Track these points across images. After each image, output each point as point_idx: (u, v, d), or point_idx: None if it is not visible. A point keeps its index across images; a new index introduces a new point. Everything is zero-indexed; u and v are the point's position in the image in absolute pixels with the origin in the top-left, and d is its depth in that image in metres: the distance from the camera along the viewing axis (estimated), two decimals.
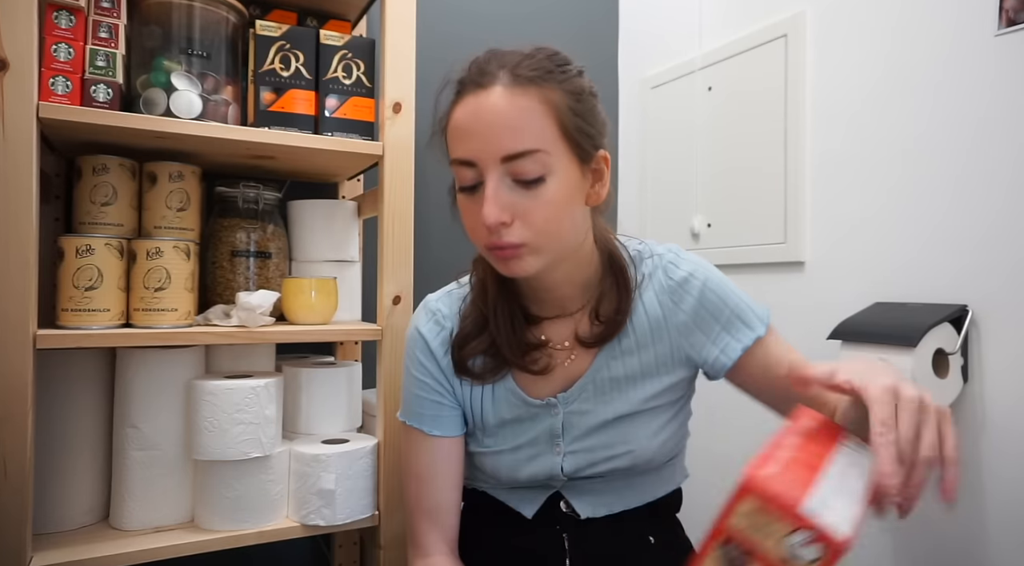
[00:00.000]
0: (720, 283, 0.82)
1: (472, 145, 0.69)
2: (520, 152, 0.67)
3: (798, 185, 1.28)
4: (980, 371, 1.01)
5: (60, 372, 0.98)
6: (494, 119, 0.67)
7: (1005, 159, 0.98)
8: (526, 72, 0.68)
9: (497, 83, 0.68)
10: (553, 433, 0.81)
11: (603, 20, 1.77)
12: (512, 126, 0.67)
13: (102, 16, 0.95)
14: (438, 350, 0.84)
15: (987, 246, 1.00)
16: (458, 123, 0.70)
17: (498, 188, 0.68)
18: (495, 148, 0.67)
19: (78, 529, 0.99)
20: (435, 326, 0.85)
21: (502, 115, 0.67)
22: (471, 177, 0.70)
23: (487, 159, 0.68)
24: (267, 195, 1.17)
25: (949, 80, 1.05)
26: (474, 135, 0.68)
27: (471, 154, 0.69)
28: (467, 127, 0.69)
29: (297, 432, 1.14)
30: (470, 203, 0.72)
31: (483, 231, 0.70)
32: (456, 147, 0.71)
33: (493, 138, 0.67)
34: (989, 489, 0.99)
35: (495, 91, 0.68)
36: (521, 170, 0.68)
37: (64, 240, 0.92)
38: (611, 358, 0.81)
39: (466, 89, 0.70)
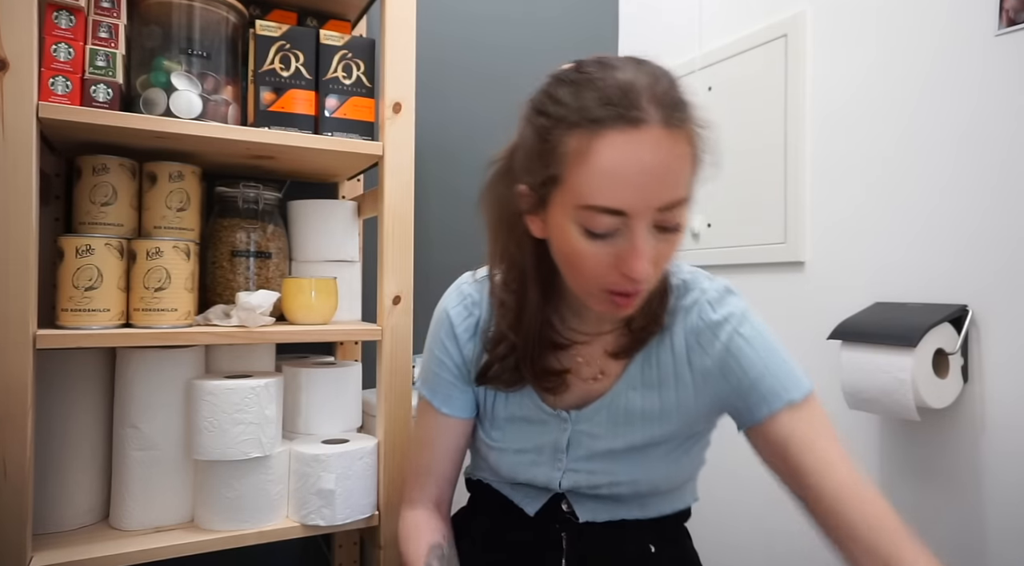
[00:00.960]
0: (755, 334, 0.74)
1: (628, 195, 0.61)
2: (676, 202, 0.62)
3: (798, 185, 1.28)
4: (980, 371, 1.01)
5: (60, 372, 0.98)
6: (655, 167, 0.60)
7: (1006, 159, 0.98)
8: (676, 108, 0.62)
9: (651, 121, 0.60)
10: (557, 447, 0.79)
11: (603, 20, 1.77)
12: (671, 175, 0.62)
13: (102, 16, 0.95)
14: (462, 336, 0.82)
15: (987, 246, 1.00)
16: (608, 167, 0.60)
17: (648, 240, 0.63)
18: (653, 199, 0.61)
19: (78, 529, 0.99)
20: (463, 310, 0.82)
21: (663, 164, 0.61)
22: (610, 225, 0.63)
23: (642, 210, 0.61)
24: (267, 195, 1.17)
25: (949, 80, 1.05)
26: (631, 184, 0.61)
27: (625, 205, 0.61)
28: (623, 174, 0.60)
29: (297, 432, 1.14)
30: (597, 249, 0.64)
31: (613, 278, 0.65)
32: (602, 193, 0.61)
33: (653, 188, 0.61)
34: (989, 489, 0.99)
35: (652, 132, 0.60)
36: (668, 219, 0.63)
37: (64, 240, 0.92)
38: (631, 388, 0.77)
39: (611, 123, 0.60)
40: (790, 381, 0.72)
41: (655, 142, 0.60)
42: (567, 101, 0.63)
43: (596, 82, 0.62)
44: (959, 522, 1.03)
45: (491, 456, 0.84)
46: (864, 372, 1.03)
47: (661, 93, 0.62)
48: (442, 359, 0.83)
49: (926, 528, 1.07)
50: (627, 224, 0.62)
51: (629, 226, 0.62)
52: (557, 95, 0.64)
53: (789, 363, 0.74)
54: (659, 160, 0.61)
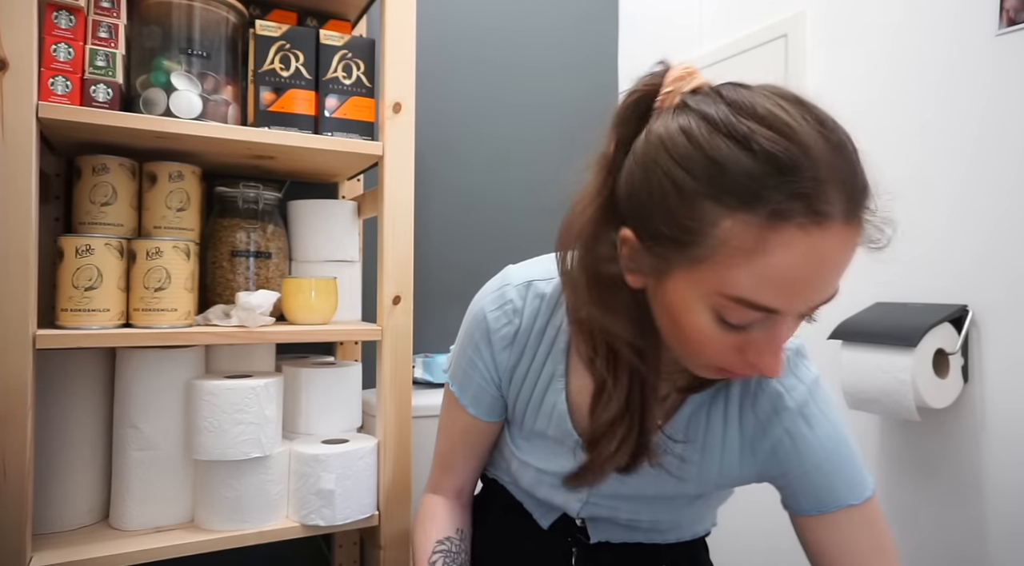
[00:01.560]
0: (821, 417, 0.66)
1: (792, 298, 0.51)
2: (831, 298, 0.55)
3: None
4: (980, 371, 1.01)
5: (60, 372, 0.98)
6: (830, 271, 0.52)
7: (1006, 159, 0.98)
8: (862, 197, 0.52)
9: (835, 217, 0.50)
10: None
11: (603, 20, 1.77)
12: (839, 275, 0.54)
13: (102, 16, 0.95)
14: (498, 343, 0.75)
15: (988, 246, 1.00)
16: (781, 270, 0.50)
17: (790, 333, 0.56)
18: (815, 300, 0.53)
19: (78, 529, 0.99)
20: (502, 317, 0.75)
21: (838, 266, 0.53)
22: (754, 319, 0.54)
23: (799, 310, 0.54)
24: (267, 195, 1.17)
25: (949, 80, 1.05)
26: (800, 289, 0.51)
27: (784, 306, 0.52)
28: (795, 278, 0.50)
29: (297, 432, 1.14)
30: (726, 335, 0.55)
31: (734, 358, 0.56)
32: (762, 293, 0.51)
33: (818, 290, 0.52)
34: (989, 489, 0.99)
35: (835, 230, 0.50)
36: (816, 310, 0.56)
37: (64, 240, 0.92)
38: (672, 440, 0.69)
39: (792, 216, 0.49)
40: (851, 480, 0.65)
41: (839, 244, 0.51)
42: (731, 168, 0.50)
43: (770, 149, 0.49)
44: (959, 522, 1.03)
45: (513, 464, 0.80)
46: (864, 372, 1.03)
47: (848, 175, 0.51)
48: (474, 361, 0.77)
49: (926, 528, 1.07)
50: (773, 319, 0.54)
51: (775, 321, 0.54)
52: (713, 152, 0.51)
53: (853, 457, 0.66)
54: (837, 263, 0.52)
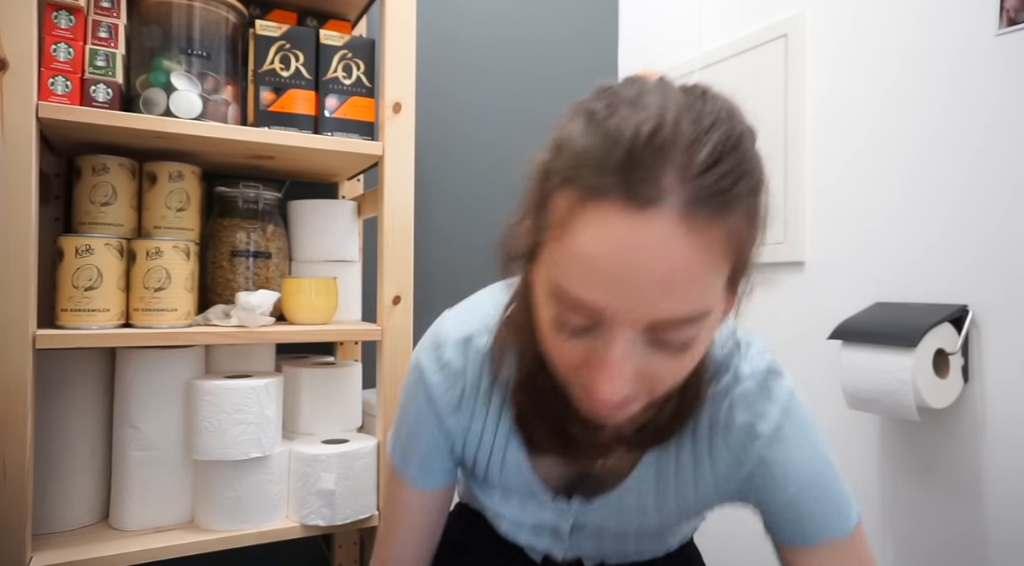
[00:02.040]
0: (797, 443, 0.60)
1: (610, 296, 0.44)
2: (680, 320, 0.45)
3: (798, 185, 1.28)
4: (980, 371, 1.01)
5: (60, 372, 0.98)
6: (655, 272, 0.43)
7: (1006, 159, 0.98)
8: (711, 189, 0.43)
9: (666, 204, 0.42)
10: (558, 531, 0.70)
11: (603, 20, 1.77)
12: (677, 284, 0.44)
13: (102, 16, 0.95)
14: (443, 409, 0.67)
15: (988, 246, 1.00)
16: (590, 255, 0.44)
17: (629, 354, 0.47)
18: (645, 311, 0.45)
19: (78, 529, 0.99)
20: (443, 381, 0.66)
21: (669, 270, 0.43)
22: (583, 323, 0.47)
23: (627, 320, 0.45)
24: (267, 195, 1.17)
25: (949, 80, 1.05)
26: (616, 284, 0.44)
27: (605, 305, 0.45)
28: (606, 267, 0.44)
29: (297, 432, 1.14)
30: (569, 345, 0.49)
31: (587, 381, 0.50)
32: (574, 285, 0.45)
33: (647, 297, 0.44)
34: (989, 489, 0.99)
35: (662, 220, 0.42)
36: (668, 335, 0.46)
37: (64, 240, 0.92)
38: (644, 484, 0.65)
39: (609, 194, 0.43)
40: (834, 509, 0.60)
41: (665, 237, 0.42)
42: (570, 143, 0.47)
43: (612, 123, 0.44)
44: (959, 522, 1.03)
45: (487, 511, 0.74)
46: (864, 372, 1.03)
47: (700, 162, 0.43)
48: (421, 425, 0.69)
49: (926, 528, 1.07)
50: (604, 329, 0.47)
51: (607, 332, 0.47)
52: (567, 129, 0.48)
53: (836, 482, 0.61)
54: (668, 262, 0.43)
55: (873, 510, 1.15)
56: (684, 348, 0.48)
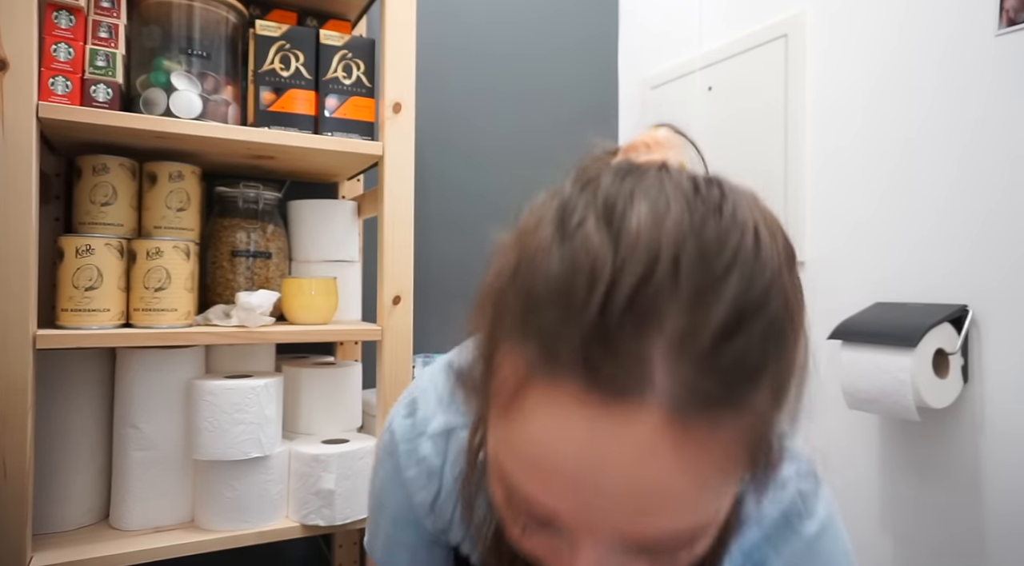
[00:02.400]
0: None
1: (571, 506, 0.33)
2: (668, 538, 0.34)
3: (798, 185, 1.28)
4: (980, 371, 1.01)
5: (60, 372, 0.98)
6: (631, 487, 0.31)
7: (1005, 159, 0.98)
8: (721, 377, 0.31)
9: (651, 397, 0.30)
10: None
11: (603, 20, 1.77)
12: (667, 504, 0.32)
13: (102, 16, 0.95)
14: (419, 509, 0.57)
15: (987, 246, 1.00)
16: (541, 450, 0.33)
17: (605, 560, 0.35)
18: (620, 527, 0.33)
19: (78, 529, 0.99)
20: (420, 477, 0.56)
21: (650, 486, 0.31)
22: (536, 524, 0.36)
23: (597, 532, 0.34)
24: (267, 195, 1.17)
25: (949, 80, 1.05)
26: (578, 494, 0.32)
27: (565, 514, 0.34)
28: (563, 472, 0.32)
29: (297, 432, 1.14)
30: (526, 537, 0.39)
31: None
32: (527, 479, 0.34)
33: (621, 513, 0.32)
34: (989, 489, 0.99)
35: (644, 420, 0.30)
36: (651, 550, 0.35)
37: (64, 240, 0.92)
38: None
39: (568, 372, 0.31)
40: None
41: (644, 445, 0.30)
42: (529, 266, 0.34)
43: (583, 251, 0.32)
44: (959, 521, 1.03)
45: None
46: (864, 372, 1.03)
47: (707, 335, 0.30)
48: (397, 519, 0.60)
49: (926, 528, 1.07)
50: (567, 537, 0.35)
51: (571, 541, 0.35)
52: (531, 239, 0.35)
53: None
54: (641, 479, 0.31)
55: (873, 510, 1.15)
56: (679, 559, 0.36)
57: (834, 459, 1.21)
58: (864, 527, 1.16)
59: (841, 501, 1.21)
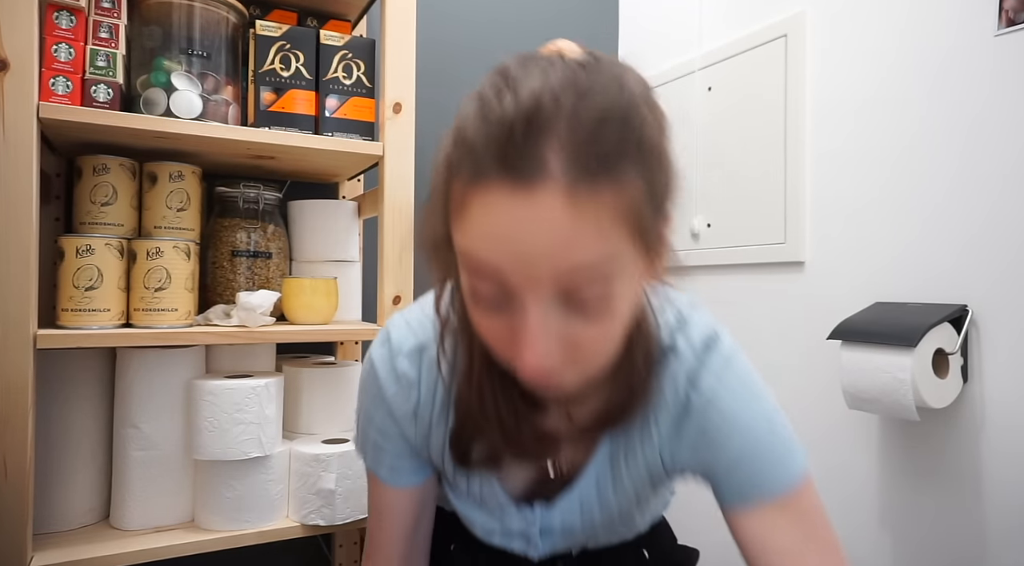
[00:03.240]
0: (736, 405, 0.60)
1: (508, 266, 0.45)
2: (583, 269, 0.45)
3: (798, 185, 1.28)
4: (980, 371, 1.01)
5: (60, 372, 0.98)
6: (545, 241, 0.43)
7: (1005, 159, 0.98)
8: (596, 158, 0.43)
9: (548, 179, 0.42)
10: (528, 536, 0.69)
11: (603, 20, 1.77)
12: (575, 246, 0.44)
13: (102, 16, 0.95)
14: (402, 420, 0.66)
15: (987, 246, 1.00)
16: (482, 228, 0.45)
17: (545, 320, 0.46)
18: (544, 274, 0.45)
19: (78, 529, 0.99)
20: (400, 392, 0.66)
21: (558, 236, 0.43)
22: (494, 293, 0.48)
23: (529, 287, 0.46)
24: (267, 195, 1.17)
25: (949, 80, 1.05)
26: (510, 255, 0.45)
27: (505, 273, 0.46)
28: (499, 242, 0.45)
29: (297, 432, 1.14)
30: (491, 321, 0.50)
31: (516, 357, 0.49)
32: (477, 252, 0.46)
33: (541, 263, 0.44)
34: (988, 489, 0.99)
35: (545, 195, 0.42)
36: (578, 296, 0.46)
37: (64, 240, 0.92)
38: (601, 473, 0.66)
39: (492, 175, 0.44)
40: (775, 468, 0.60)
41: (550, 209, 0.42)
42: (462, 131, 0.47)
43: (495, 106, 0.44)
44: (959, 522, 1.03)
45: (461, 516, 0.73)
46: (864, 372, 1.03)
47: (580, 132, 0.43)
48: (380, 430, 0.68)
49: (926, 528, 1.07)
50: (515, 299, 0.47)
51: (520, 303, 0.47)
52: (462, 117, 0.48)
53: (776, 438, 0.60)
54: (554, 232, 0.43)
55: (873, 510, 1.15)
56: (601, 309, 0.47)
57: (834, 459, 1.21)
58: (864, 527, 1.16)
59: (841, 501, 1.22)
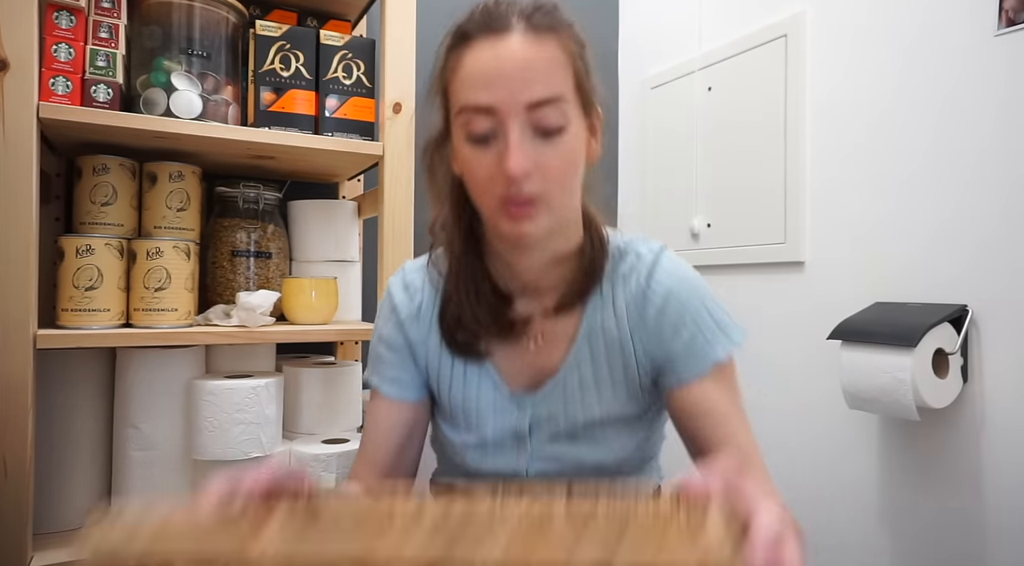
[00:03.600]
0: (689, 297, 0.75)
1: (494, 92, 0.65)
2: (546, 99, 0.65)
3: (798, 185, 1.28)
4: (980, 371, 1.01)
5: (60, 372, 0.98)
6: (518, 65, 0.65)
7: (1005, 159, 0.98)
8: (542, 20, 0.67)
9: (513, 30, 0.66)
10: (519, 433, 0.78)
11: (603, 20, 1.77)
12: (537, 72, 0.65)
13: (102, 16, 0.95)
14: (406, 321, 0.81)
15: (987, 246, 1.00)
16: (474, 69, 0.66)
17: (522, 137, 0.65)
18: (520, 95, 0.64)
19: (78, 529, 0.99)
20: (406, 297, 0.82)
21: (527, 61, 0.65)
22: (486, 126, 0.66)
23: (511, 107, 0.64)
24: (267, 195, 1.17)
25: (949, 80, 1.05)
26: (495, 81, 0.65)
27: (492, 101, 0.65)
28: (486, 73, 0.65)
29: (297, 432, 1.14)
30: (481, 155, 0.67)
31: (500, 183, 0.66)
32: (471, 94, 0.66)
33: (518, 84, 0.64)
34: (988, 489, 0.99)
35: (514, 37, 0.65)
36: (544, 119, 0.65)
37: (64, 240, 0.92)
38: (581, 363, 0.77)
39: (476, 35, 0.66)
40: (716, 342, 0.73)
41: (518, 44, 0.66)
42: (449, 30, 0.70)
43: (477, 11, 0.69)
44: (959, 522, 1.03)
45: (455, 448, 0.81)
46: (864, 372, 1.03)
47: (527, 10, 0.68)
48: (387, 342, 0.81)
49: (926, 528, 1.07)
50: (500, 125, 0.65)
51: (502, 126, 0.65)
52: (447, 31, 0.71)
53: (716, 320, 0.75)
54: (520, 59, 0.65)
55: (873, 509, 1.15)
56: (557, 140, 0.66)
57: (834, 458, 1.21)
58: (864, 526, 1.16)
59: (841, 500, 1.22)
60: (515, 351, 0.78)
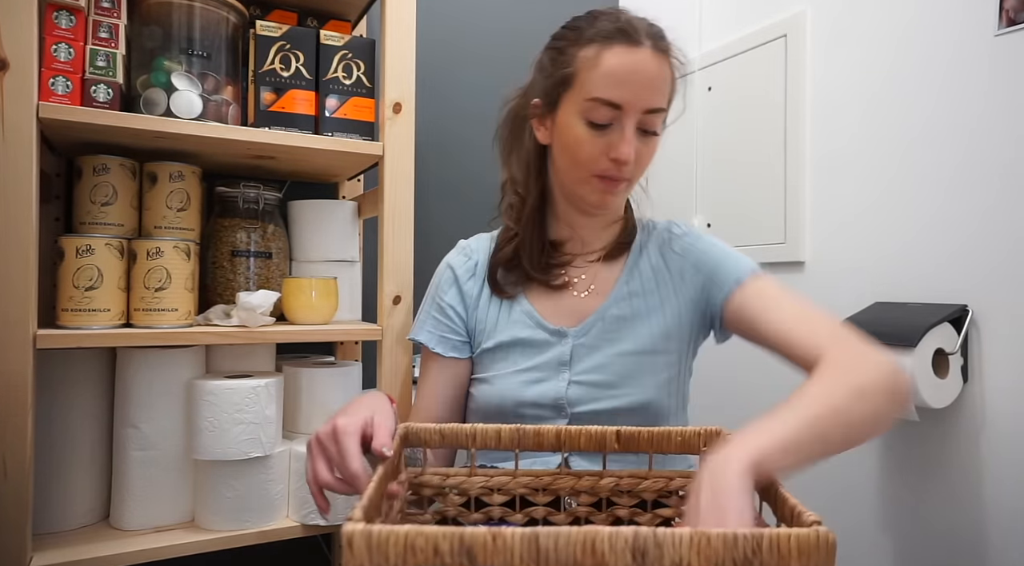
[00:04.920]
0: (703, 237, 0.95)
1: (625, 92, 0.80)
2: (658, 108, 0.83)
3: (798, 185, 1.28)
4: (980, 371, 1.01)
5: (60, 372, 0.98)
6: (648, 76, 0.81)
7: (1006, 159, 0.98)
8: (663, 43, 0.83)
9: (645, 46, 0.81)
10: (561, 361, 0.89)
11: None
12: (658, 86, 0.82)
13: (102, 16, 0.95)
14: (462, 276, 0.96)
15: (987, 246, 1.00)
16: (614, 68, 0.80)
17: (633, 133, 0.82)
18: (643, 101, 0.81)
19: (78, 529, 0.99)
20: (463, 257, 0.98)
21: (654, 75, 0.81)
22: (607, 117, 0.82)
23: (634, 107, 0.81)
24: (267, 195, 1.17)
25: (949, 80, 1.05)
26: (629, 84, 0.80)
27: (622, 99, 0.80)
28: (623, 75, 0.80)
29: (297, 432, 1.14)
30: (594, 137, 0.83)
31: (604, 162, 0.83)
32: (604, 89, 0.81)
33: (645, 92, 0.81)
34: (988, 488, 0.99)
35: (646, 52, 0.81)
36: (649, 123, 0.83)
37: (64, 240, 0.92)
38: (620, 299, 0.91)
39: (616, 39, 0.81)
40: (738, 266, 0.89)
41: (649, 58, 0.81)
42: (583, 26, 0.85)
43: (606, 17, 0.83)
44: (959, 521, 1.03)
45: (497, 387, 0.91)
46: None
47: (654, 31, 0.84)
48: (440, 303, 0.96)
49: (926, 527, 1.07)
50: (620, 119, 0.82)
51: (621, 121, 0.82)
52: (574, 25, 0.87)
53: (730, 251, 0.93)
54: (649, 71, 0.81)
55: (873, 509, 1.15)
56: (650, 142, 0.86)
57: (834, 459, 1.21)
58: (864, 527, 1.16)
59: (841, 501, 1.22)
60: (556, 295, 0.93)
